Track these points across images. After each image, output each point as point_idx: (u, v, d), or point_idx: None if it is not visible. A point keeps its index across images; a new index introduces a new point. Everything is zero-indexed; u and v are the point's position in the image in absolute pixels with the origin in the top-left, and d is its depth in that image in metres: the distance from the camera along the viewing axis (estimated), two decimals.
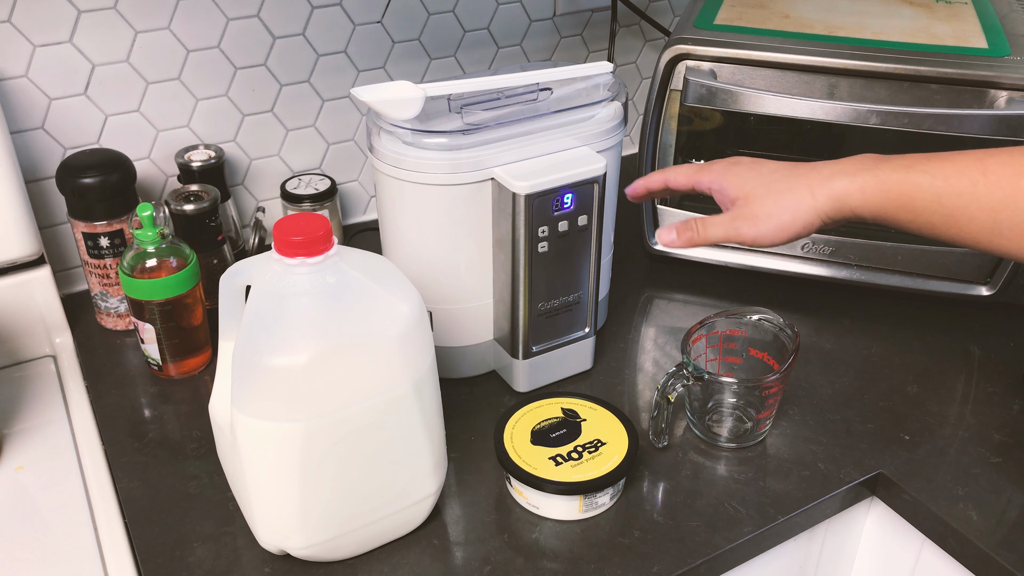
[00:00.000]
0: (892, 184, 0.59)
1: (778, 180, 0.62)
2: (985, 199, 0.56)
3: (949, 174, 0.57)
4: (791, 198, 0.61)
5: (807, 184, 0.61)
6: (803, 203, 0.61)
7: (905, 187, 0.59)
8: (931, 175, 0.58)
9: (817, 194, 0.61)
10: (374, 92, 0.69)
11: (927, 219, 0.59)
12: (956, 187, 0.57)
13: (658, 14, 1.19)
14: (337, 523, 0.62)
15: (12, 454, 0.75)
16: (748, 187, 0.62)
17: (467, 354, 0.81)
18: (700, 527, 0.67)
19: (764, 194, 0.61)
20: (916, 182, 0.58)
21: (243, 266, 0.62)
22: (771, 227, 0.61)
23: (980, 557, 0.66)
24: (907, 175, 0.59)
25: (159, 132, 0.94)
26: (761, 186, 0.62)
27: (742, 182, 0.63)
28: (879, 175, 0.60)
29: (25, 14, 0.83)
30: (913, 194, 0.58)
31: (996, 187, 0.56)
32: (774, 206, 0.61)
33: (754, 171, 0.63)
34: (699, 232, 0.65)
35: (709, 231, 0.64)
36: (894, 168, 0.59)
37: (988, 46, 0.85)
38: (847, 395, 0.81)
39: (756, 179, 0.62)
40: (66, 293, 0.94)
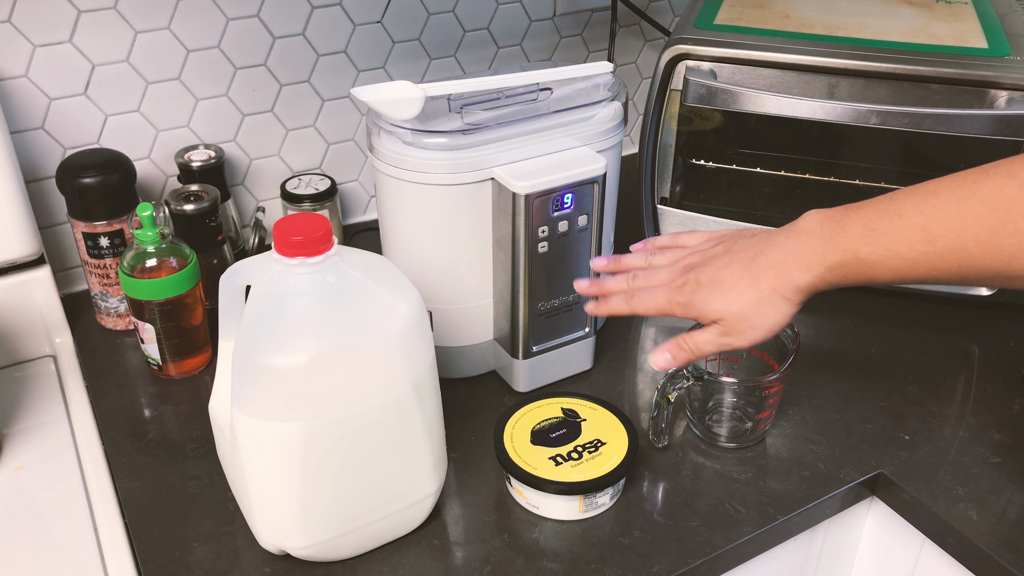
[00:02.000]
0: (848, 268, 0.59)
1: (744, 293, 0.62)
2: (942, 265, 0.56)
3: (898, 250, 0.57)
4: (770, 307, 0.62)
5: (772, 288, 0.61)
6: (778, 306, 0.62)
7: (860, 268, 0.59)
8: (880, 254, 0.58)
9: (786, 294, 0.62)
10: (374, 92, 0.69)
11: (897, 283, 0.59)
12: (909, 260, 0.57)
13: (658, 14, 1.19)
14: (337, 523, 0.62)
15: (12, 454, 0.75)
16: (721, 310, 0.63)
17: (467, 354, 0.81)
18: (700, 527, 0.67)
19: (741, 311, 0.62)
20: (869, 263, 0.58)
21: (243, 266, 0.62)
22: (759, 334, 0.63)
23: (980, 557, 0.66)
24: (858, 257, 0.59)
25: (159, 132, 0.94)
26: (734, 304, 0.62)
27: (712, 308, 0.63)
28: (830, 262, 0.60)
29: (25, 14, 0.83)
30: (870, 273, 0.59)
31: (948, 254, 0.55)
32: (754, 318, 0.62)
33: (718, 291, 0.63)
34: (694, 351, 0.66)
35: (703, 348, 0.65)
36: (843, 252, 0.59)
37: (988, 46, 0.85)
38: (847, 395, 0.81)
39: (723, 299, 0.62)
40: (66, 293, 0.94)
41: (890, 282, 0.59)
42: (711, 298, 0.63)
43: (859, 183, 1.02)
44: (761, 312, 0.62)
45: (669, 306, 0.65)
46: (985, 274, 0.55)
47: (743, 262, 0.63)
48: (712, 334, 0.64)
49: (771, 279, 0.62)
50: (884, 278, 0.59)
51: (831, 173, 1.03)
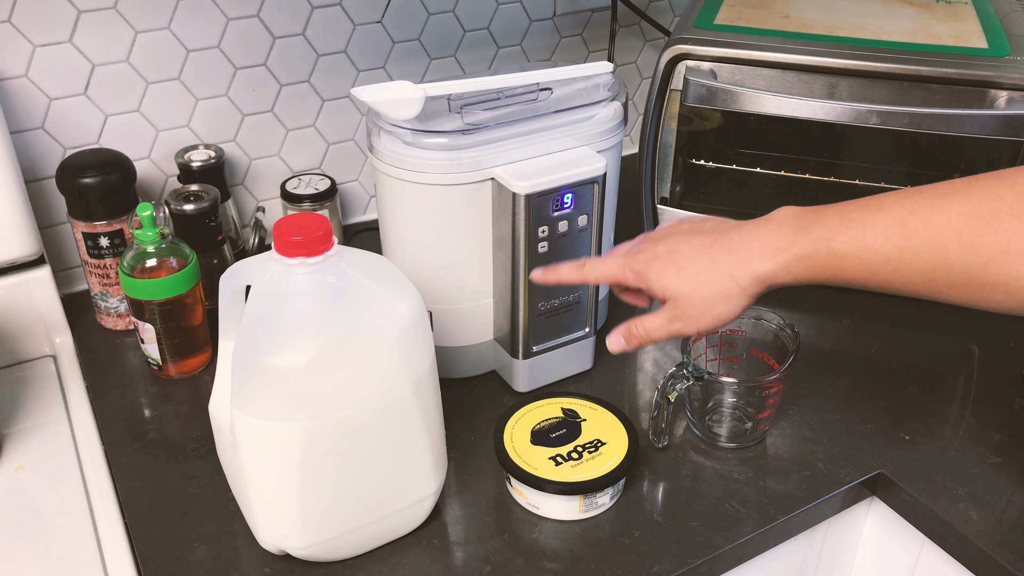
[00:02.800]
0: (816, 259, 0.57)
1: (700, 274, 0.60)
2: (915, 263, 0.54)
3: (872, 241, 0.55)
4: (717, 292, 0.60)
5: (728, 274, 0.59)
6: (731, 293, 0.59)
7: (830, 259, 0.57)
8: (853, 245, 0.55)
9: (742, 282, 0.59)
10: (374, 92, 0.69)
11: (861, 285, 0.57)
12: (883, 255, 0.55)
13: (658, 14, 1.19)
14: (337, 523, 0.62)
15: (12, 454, 0.75)
16: (673, 287, 0.61)
17: (467, 354, 0.81)
18: (700, 527, 0.67)
19: (690, 292, 0.60)
20: (840, 254, 0.56)
21: (243, 266, 0.62)
22: (707, 321, 0.61)
23: (980, 557, 0.66)
24: (829, 247, 0.56)
25: (159, 132, 0.94)
26: (686, 284, 0.60)
27: (665, 283, 0.61)
28: (798, 251, 0.57)
29: (25, 14, 0.83)
30: (839, 266, 0.56)
31: (924, 250, 0.53)
32: (704, 303, 0.60)
33: (674, 266, 0.61)
34: (644, 336, 0.64)
35: (652, 334, 0.63)
36: (814, 241, 0.57)
37: (988, 46, 0.85)
38: (847, 395, 0.81)
39: (678, 277, 0.61)
40: (66, 293, 0.94)
41: (856, 280, 0.57)
42: (666, 272, 0.61)
43: (859, 183, 1.02)
44: (712, 298, 0.60)
45: (622, 272, 0.64)
46: (958, 279, 0.53)
47: (705, 243, 0.61)
48: (662, 319, 0.62)
49: (729, 264, 0.59)
50: (852, 273, 0.56)
51: (831, 173, 1.03)
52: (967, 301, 0.54)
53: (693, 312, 0.61)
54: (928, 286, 0.55)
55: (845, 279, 0.57)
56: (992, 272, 0.52)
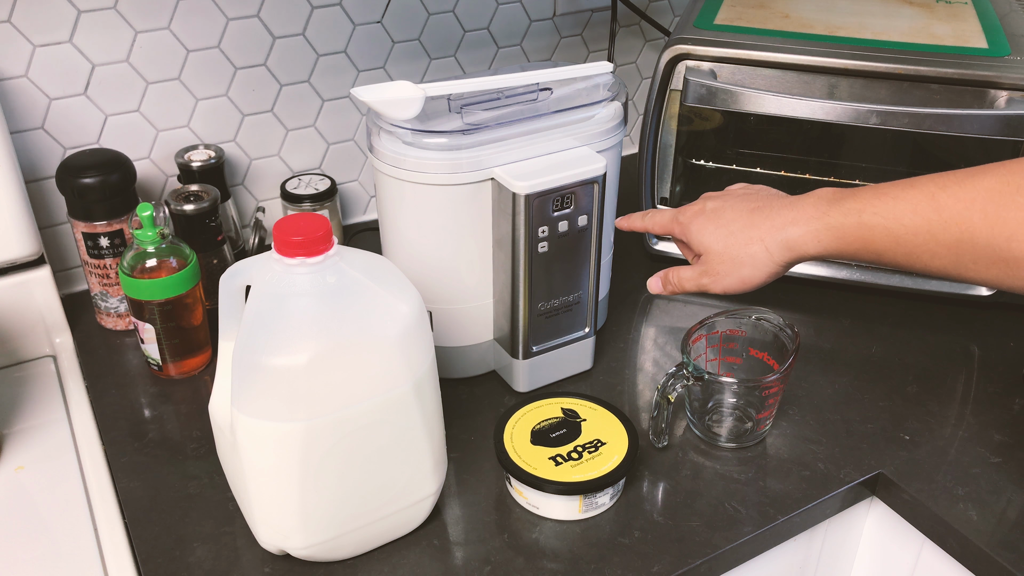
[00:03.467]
0: (847, 230, 0.60)
1: (734, 234, 0.64)
2: (942, 236, 0.56)
3: (902, 214, 0.57)
4: (747, 254, 0.63)
5: (760, 238, 0.63)
6: (759, 257, 0.63)
7: (860, 231, 0.59)
8: (884, 217, 0.58)
9: (771, 247, 0.62)
10: (374, 92, 0.69)
11: (890, 258, 0.59)
12: (911, 227, 0.57)
13: (658, 14, 1.19)
14: (337, 523, 0.62)
15: (12, 454, 0.75)
16: (708, 243, 0.65)
17: (467, 354, 0.81)
18: (700, 527, 0.67)
19: (722, 250, 0.64)
20: (870, 225, 0.58)
21: (243, 266, 0.62)
22: (733, 281, 0.65)
23: (980, 557, 0.66)
24: (860, 219, 0.59)
25: (159, 132, 0.94)
26: (719, 242, 0.64)
27: (703, 237, 0.66)
28: (831, 221, 0.60)
29: (25, 14, 0.83)
30: (869, 237, 0.59)
31: (952, 223, 0.55)
32: (732, 263, 0.64)
33: (714, 223, 0.65)
34: (677, 284, 0.70)
35: (684, 284, 0.69)
36: (846, 212, 0.59)
37: (988, 46, 0.85)
38: (847, 395, 0.81)
39: (715, 234, 0.65)
40: (66, 293, 0.94)
41: (885, 252, 0.59)
42: (705, 227, 0.65)
43: (859, 183, 1.02)
44: (740, 259, 0.63)
45: (671, 223, 0.69)
46: (983, 252, 0.55)
47: (750, 207, 0.65)
48: (694, 272, 0.67)
49: (763, 228, 0.63)
50: (881, 245, 0.59)
51: (831, 173, 1.03)
52: (993, 278, 0.56)
53: (721, 269, 0.65)
54: (954, 261, 0.56)
55: (875, 251, 0.59)
56: (1015, 247, 0.53)
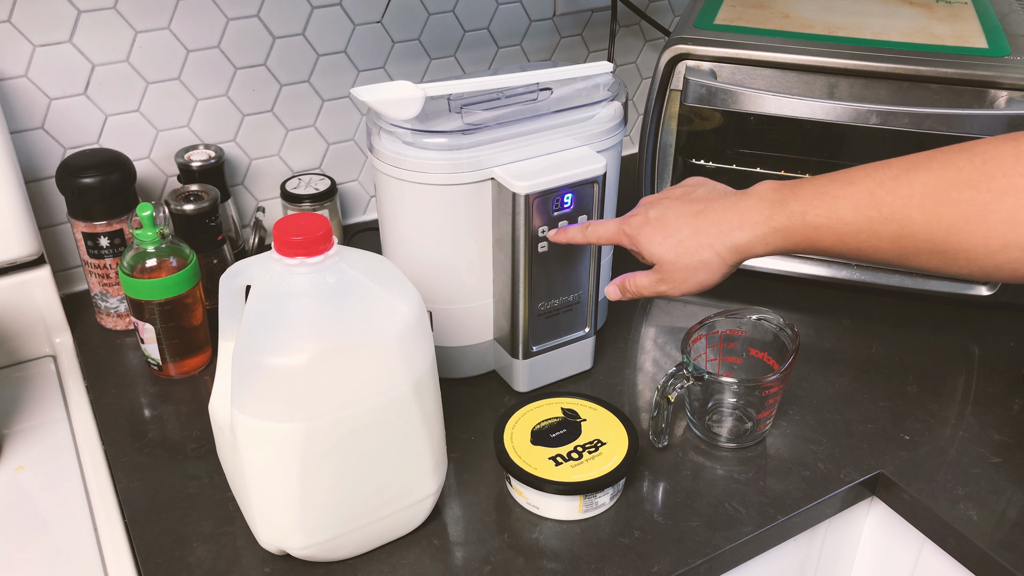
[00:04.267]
0: (792, 231, 0.61)
1: (684, 243, 0.65)
2: (883, 231, 0.57)
3: (844, 213, 0.58)
4: (700, 260, 0.64)
5: (709, 244, 0.64)
6: (712, 263, 0.64)
7: (805, 231, 0.60)
8: (826, 217, 0.59)
9: (721, 252, 0.64)
10: (374, 92, 0.69)
11: (837, 252, 0.60)
12: (853, 225, 0.58)
13: (658, 14, 1.19)
14: (337, 523, 0.62)
15: (12, 454, 0.75)
16: (659, 253, 0.66)
17: (467, 354, 0.81)
18: (700, 527, 0.67)
19: (674, 259, 0.65)
20: (814, 225, 0.59)
21: (243, 266, 0.62)
22: (690, 286, 0.66)
23: (980, 557, 0.66)
24: (804, 220, 0.60)
25: (159, 132, 0.94)
26: (670, 252, 0.65)
27: (653, 248, 0.66)
28: (776, 224, 0.61)
29: (25, 14, 0.83)
30: (815, 236, 0.60)
31: (892, 219, 0.56)
32: (687, 270, 0.65)
33: (661, 233, 0.66)
34: (635, 291, 0.70)
35: (641, 291, 0.70)
36: (790, 215, 0.60)
37: (988, 46, 0.85)
38: (847, 395, 0.81)
39: (664, 244, 0.66)
40: (66, 293, 0.94)
41: (831, 249, 0.60)
42: (654, 238, 0.66)
43: None
44: (693, 266, 0.65)
45: (618, 235, 0.69)
46: (923, 246, 0.56)
47: (692, 212, 0.66)
48: (651, 279, 0.68)
49: (711, 235, 0.64)
50: (827, 243, 0.60)
51: None
52: (935, 268, 0.57)
53: (677, 277, 0.66)
54: (897, 254, 0.58)
55: (821, 248, 0.61)
56: (953, 240, 0.55)
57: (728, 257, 0.64)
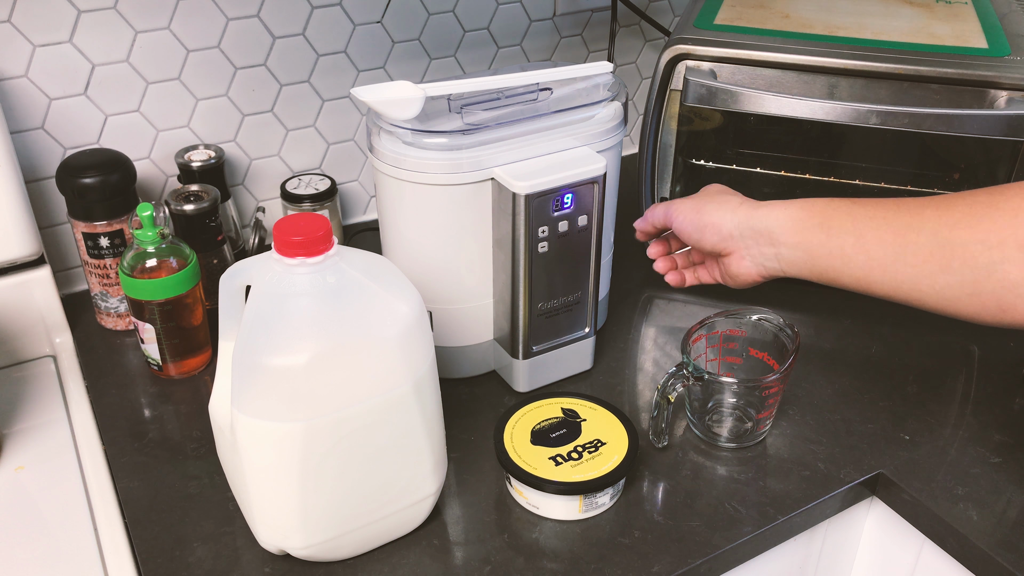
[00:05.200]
0: (813, 202, 0.67)
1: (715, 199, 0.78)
2: (893, 220, 0.61)
3: (866, 203, 0.64)
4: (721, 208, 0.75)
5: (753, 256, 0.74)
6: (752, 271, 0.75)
7: (824, 206, 0.66)
8: (849, 201, 0.65)
9: (763, 263, 0.72)
10: (374, 92, 0.69)
11: (839, 241, 0.65)
12: (869, 211, 0.63)
13: (658, 14, 1.19)
14: (337, 523, 0.62)
15: (12, 454, 0.75)
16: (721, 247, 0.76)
17: (467, 354, 0.81)
18: (700, 527, 0.67)
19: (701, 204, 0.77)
20: (834, 204, 0.65)
21: (243, 266, 0.62)
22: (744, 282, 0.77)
23: (980, 557, 0.66)
24: (829, 200, 0.66)
25: (159, 132, 0.94)
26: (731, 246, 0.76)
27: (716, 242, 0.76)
28: (806, 199, 0.68)
29: (25, 14, 0.83)
30: (830, 212, 0.65)
31: (904, 211, 0.61)
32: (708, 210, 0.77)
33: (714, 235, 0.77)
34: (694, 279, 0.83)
35: (702, 278, 0.83)
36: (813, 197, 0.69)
37: (988, 46, 0.85)
38: (847, 395, 0.81)
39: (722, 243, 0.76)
40: (66, 293, 0.94)
41: (835, 278, 0.68)
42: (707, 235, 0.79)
43: (859, 183, 1.02)
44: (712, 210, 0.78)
45: None
46: (881, 292, 0.64)
47: None
48: (715, 273, 0.84)
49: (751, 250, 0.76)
50: (837, 270, 0.67)
51: (831, 173, 1.03)
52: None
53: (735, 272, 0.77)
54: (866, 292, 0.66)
55: (821, 273, 0.69)
56: (914, 298, 0.62)
57: (765, 271, 0.72)
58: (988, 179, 0.93)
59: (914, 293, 0.57)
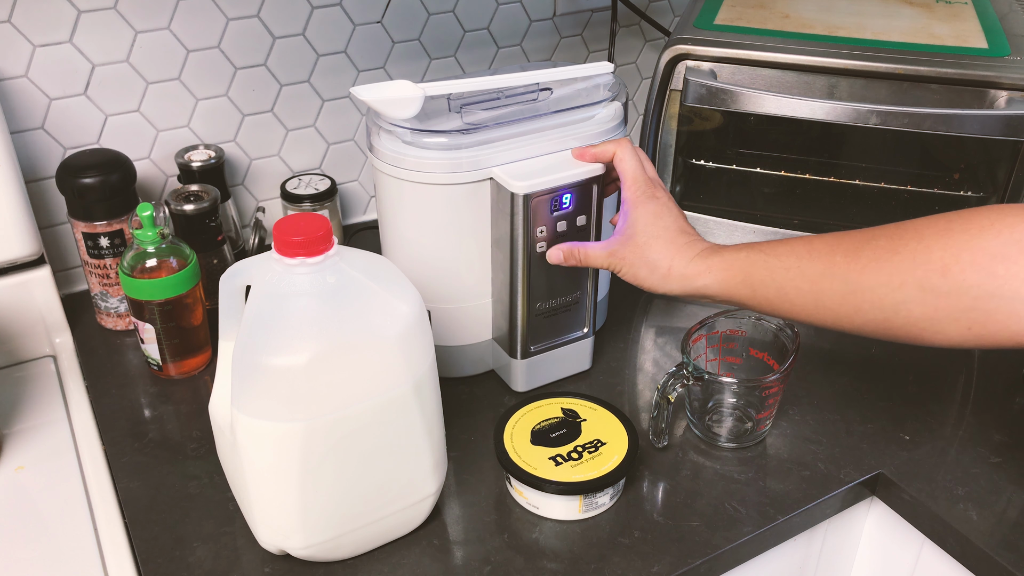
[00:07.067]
0: (733, 261, 0.64)
1: (669, 228, 0.69)
2: (807, 271, 0.61)
3: (781, 252, 0.63)
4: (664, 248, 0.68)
5: (681, 247, 0.68)
6: (664, 261, 0.68)
7: (744, 264, 0.64)
8: (765, 253, 0.63)
9: (682, 259, 0.67)
10: (373, 91, 0.69)
11: (763, 293, 0.63)
12: (784, 262, 0.62)
13: (658, 14, 1.19)
14: (337, 523, 0.62)
15: (12, 454, 0.75)
16: (640, 222, 0.69)
17: (466, 353, 0.81)
18: (700, 527, 0.67)
19: (647, 234, 0.69)
20: (752, 259, 0.63)
21: (243, 266, 0.62)
22: (639, 268, 0.69)
23: (980, 557, 0.66)
24: (748, 254, 0.64)
25: (159, 132, 0.94)
26: (648, 226, 0.69)
27: (640, 215, 0.69)
28: (725, 255, 0.65)
29: (25, 14, 0.83)
30: (750, 270, 0.63)
31: (817, 259, 0.60)
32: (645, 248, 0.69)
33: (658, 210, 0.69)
34: (582, 259, 0.72)
35: (590, 260, 0.72)
36: (735, 250, 0.65)
37: (988, 46, 0.85)
38: (847, 395, 0.81)
39: (650, 219, 0.69)
40: (66, 293, 0.94)
41: (764, 292, 0.65)
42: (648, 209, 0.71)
43: (859, 183, 1.02)
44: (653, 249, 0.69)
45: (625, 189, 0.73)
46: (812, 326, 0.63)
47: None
48: (604, 248, 0.71)
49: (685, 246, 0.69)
50: (762, 280, 0.64)
51: (831, 173, 1.03)
52: (835, 322, 0.63)
53: (632, 252, 0.69)
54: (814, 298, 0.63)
55: (750, 284, 0.65)
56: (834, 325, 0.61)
57: (675, 285, 0.67)
58: (988, 179, 0.93)
59: (838, 329, 0.61)
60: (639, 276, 0.68)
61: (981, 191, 0.94)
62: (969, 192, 0.96)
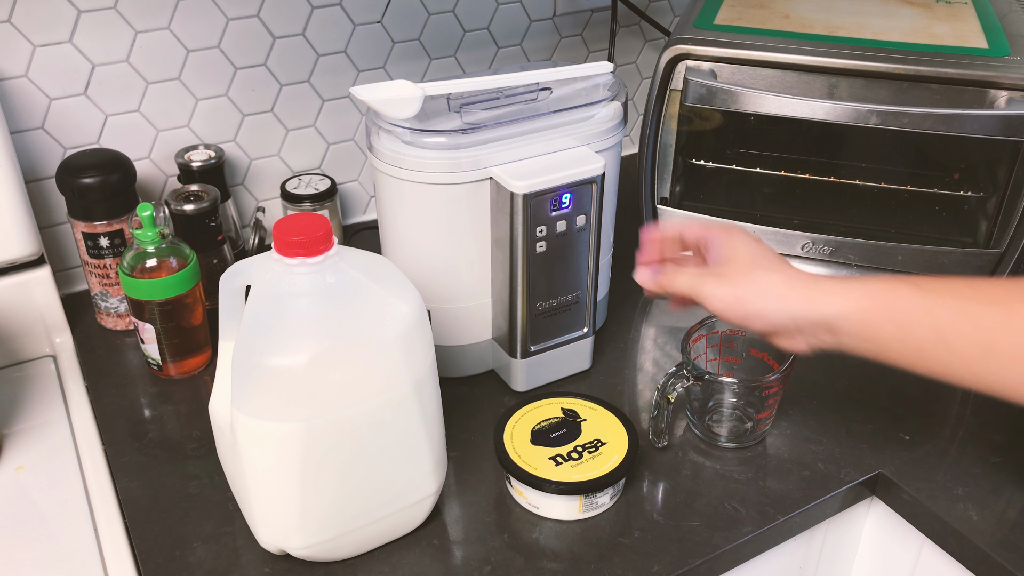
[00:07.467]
0: (875, 289, 0.56)
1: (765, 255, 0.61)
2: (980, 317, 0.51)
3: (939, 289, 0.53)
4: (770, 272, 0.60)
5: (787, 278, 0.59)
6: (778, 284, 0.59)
7: (891, 295, 0.55)
8: (916, 286, 0.54)
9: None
10: (373, 91, 0.69)
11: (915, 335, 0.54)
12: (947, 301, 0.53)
13: (658, 14, 1.19)
14: (337, 523, 0.62)
15: (12, 454, 0.75)
16: (733, 253, 0.62)
17: (466, 353, 0.81)
18: (700, 527, 0.67)
19: (749, 261, 0.61)
20: (899, 291, 0.54)
21: (243, 266, 0.62)
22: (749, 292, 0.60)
23: (980, 557, 0.66)
24: (892, 284, 0.55)
25: (159, 132, 0.94)
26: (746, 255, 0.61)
27: (729, 245, 0.62)
28: (862, 280, 0.57)
29: (25, 14, 0.83)
30: (899, 303, 0.54)
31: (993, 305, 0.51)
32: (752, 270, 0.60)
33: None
34: (669, 285, 0.64)
35: (677, 286, 0.63)
36: (871, 279, 0.57)
37: (988, 46, 0.85)
38: (847, 395, 0.81)
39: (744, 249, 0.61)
40: (66, 293, 0.94)
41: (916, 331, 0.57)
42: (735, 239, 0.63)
43: (859, 183, 1.02)
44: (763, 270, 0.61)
45: None
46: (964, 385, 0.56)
47: None
48: (697, 274, 0.63)
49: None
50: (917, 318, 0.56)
51: (831, 173, 1.03)
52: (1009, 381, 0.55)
53: (738, 276, 0.60)
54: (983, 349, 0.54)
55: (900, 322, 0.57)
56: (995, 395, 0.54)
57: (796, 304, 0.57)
58: (988, 179, 0.93)
59: (1005, 390, 0.51)
60: (745, 299, 0.58)
61: (981, 191, 0.94)
62: (969, 192, 0.96)
